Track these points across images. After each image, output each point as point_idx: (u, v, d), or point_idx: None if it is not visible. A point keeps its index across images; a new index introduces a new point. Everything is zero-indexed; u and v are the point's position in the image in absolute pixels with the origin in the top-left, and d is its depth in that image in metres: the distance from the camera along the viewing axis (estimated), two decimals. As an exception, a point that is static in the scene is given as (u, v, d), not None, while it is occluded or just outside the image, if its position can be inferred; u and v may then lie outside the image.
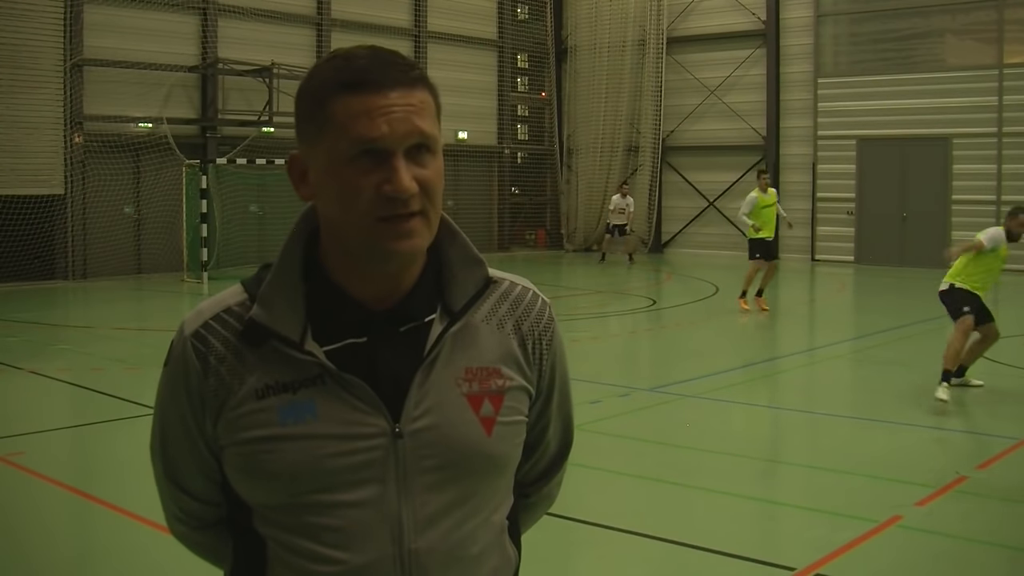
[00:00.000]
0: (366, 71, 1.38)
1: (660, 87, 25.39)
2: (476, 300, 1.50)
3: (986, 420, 8.37)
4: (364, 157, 1.37)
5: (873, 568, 4.95)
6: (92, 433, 7.90)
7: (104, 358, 10.94)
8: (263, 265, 1.51)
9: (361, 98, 1.37)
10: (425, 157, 1.40)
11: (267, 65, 20.25)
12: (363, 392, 1.42)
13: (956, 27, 22.02)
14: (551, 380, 1.60)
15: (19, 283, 17.50)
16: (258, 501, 1.45)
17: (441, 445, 1.44)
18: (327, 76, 1.40)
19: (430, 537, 1.43)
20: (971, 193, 21.17)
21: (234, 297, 1.48)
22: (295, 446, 1.40)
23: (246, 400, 1.42)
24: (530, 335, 1.55)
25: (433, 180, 1.40)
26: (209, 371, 1.44)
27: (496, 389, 1.49)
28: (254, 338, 1.43)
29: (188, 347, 1.45)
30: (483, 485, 1.49)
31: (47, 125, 18.19)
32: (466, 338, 1.49)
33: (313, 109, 1.40)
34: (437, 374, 1.45)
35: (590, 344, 11.78)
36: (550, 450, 1.69)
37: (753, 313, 14.30)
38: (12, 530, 5.59)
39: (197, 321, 1.47)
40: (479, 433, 1.46)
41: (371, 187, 1.36)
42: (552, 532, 5.15)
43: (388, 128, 1.36)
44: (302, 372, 1.42)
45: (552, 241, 27.68)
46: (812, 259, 23.42)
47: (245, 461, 1.43)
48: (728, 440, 7.53)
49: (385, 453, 1.41)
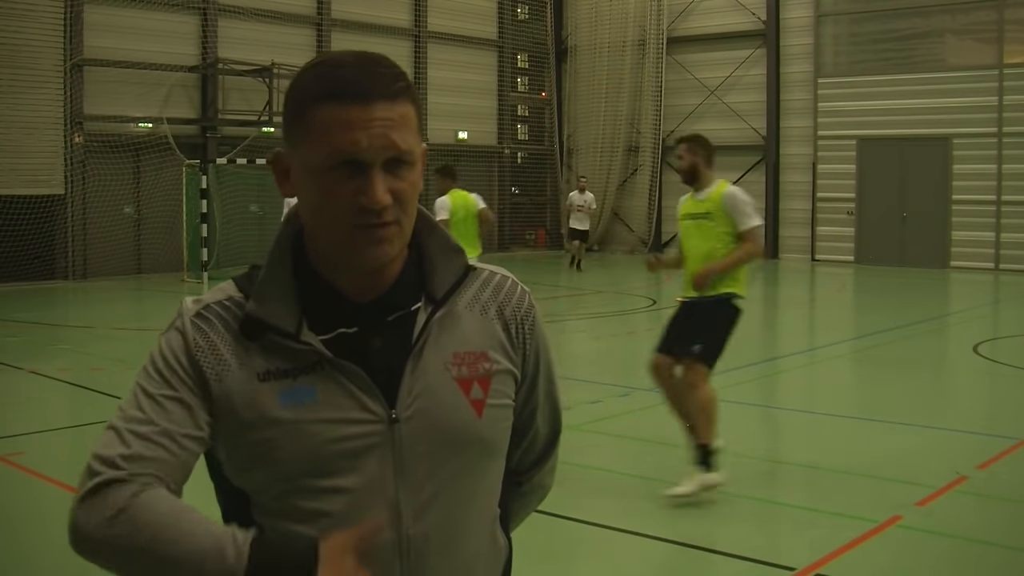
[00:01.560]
0: (349, 82, 1.40)
1: (660, 87, 25.40)
2: (457, 286, 1.53)
3: (986, 420, 8.36)
4: (342, 167, 1.40)
5: (873, 568, 4.95)
6: (92, 433, 7.89)
7: (104, 358, 10.94)
8: (253, 264, 1.53)
9: (342, 109, 1.39)
10: (402, 170, 1.43)
11: (267, 65, 20.25)
12: (360, 379, 1.44)
13: (956, 27, 22.02)
14: (536, 364, 1.62)
15: (19, 283, 17.50)
16: (255, 487, 1.46)
17: (435, 429, 1.46)
18: (311, 83, 1.42)
19: (426, 522, 1.45)
20: (971, 193, 21.18)
21: (230, 291, 1.50)
22: (296, 429, 1.41)
23: (248, 381, 1.43)
24: (513, 319, 1.57)
25: (408, 192, 1.43)
26: (210, 345, 1.44)
27: (484, 372, 1.52)
28: (251, 332, 1.45)
29: (188, 322, 1.46)
30: (475, 469, 1.51)
31: (47, 125, 18.20)
32: (452, 324, 1.52)
33: (296, 114, 1.43)
34: (427, 360, 1.48)
35: (590, 344, 11.77)
36: (540, 435, 1.71)
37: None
38: (12, 530, 5.59)
39: (198, 304, 1.49)
40: (471, 415, 1.49)
41: (347, 195, 1.40)
42: (552, 532, 5.15)
43: (367, 142, 1.38)
44: (300, 360, 1.44)
45: (552, 241, 27.68)
46: (812, 259, 23.43)
47: (244, 446, 1.43)
48: (728, 440, 7.52)
49: (382, 439, 1.43)
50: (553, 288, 17.45)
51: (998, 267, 20.99)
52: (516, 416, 1.60)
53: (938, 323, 14.46)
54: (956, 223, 21.44)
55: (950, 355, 12.04)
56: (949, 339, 13.23)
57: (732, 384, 9.61)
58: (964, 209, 21.31)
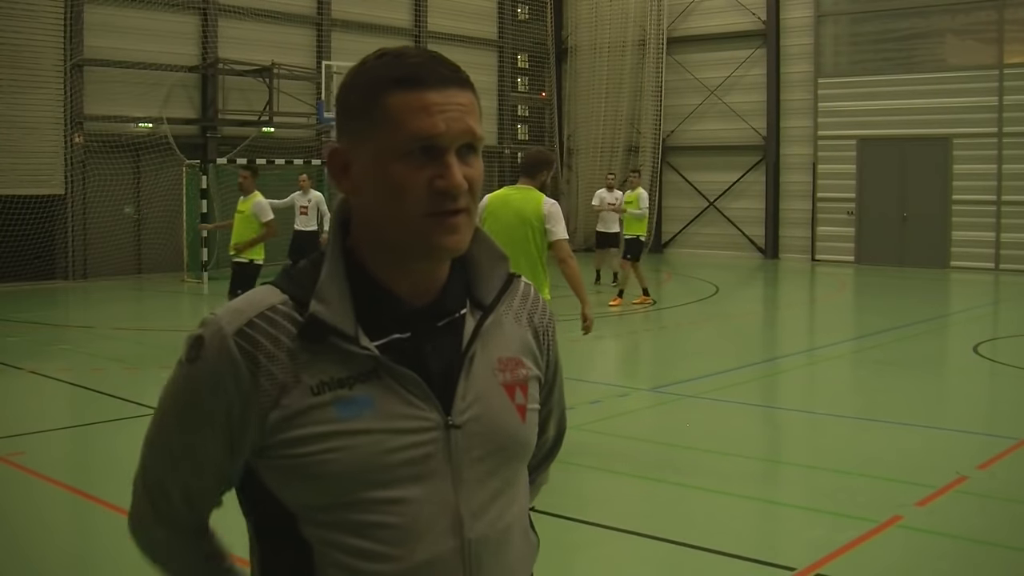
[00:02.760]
0: (421, 67, 1.41)
1: (660, 87, 25.40)
2: (503, 293, 1.55)
3: (986, 420, 8.36)
4: (418, 153, 1.39)
5: (873, 568, 4.95)
6: (92, 433, 7.90)
7: (104, 358, 10.94)
8: (291, 263, 1.51)
9: (418, 94, 1.39)
10: (471, 157, 1.44)
11: (267, 65, 20.25)
12: (416, 386, 1.42)
13: (956, 27, 22.02)
14: (554, 370, 1.67)
15: (19, 283, 17.50)
16: (307, 503, 1.41)
17: (488, 434, 1.48)
18: (380, 72, 1.42)
19: (482, 526, 1.46)
20: (971, 193, 21.17)
21: (273, 296, 1.44)
22: (355, 441, 1.39)
23: (302, 397, 1.39)
24: (540, 327, 1.62)
25: (478, 179, 1.44)
26: (260, 369, 1.39)
27: (522, 378, 1.55)
28: (315, 335, 1.41)
29: (230, 345, 1.39)
30: (518, 472, 1.55)
31: (47, 125, 18.20)
32: (496, 330, 1.54)
33: (366, 103, 1.42)
34: (478, 365, 1.49)
35: (590, 344, 11.77)
36: (550, 436, 1.78)
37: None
38: (12, 530, 5.59)
39: (239, 319, 1.41)
40: (517, 420, 1.52)
41: (423, 182, 1.39)
42: (552, 532, 5.15)
43: (445, 125, 1.39)
44: (357, 367, 1.41)
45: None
46: (812, 259, 23.43)
47: (297, 460, 1.39)
48: (728, 440, 7.53)
49: (440, 446, 1.43)
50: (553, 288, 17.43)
51: (998, 267, 20.99)
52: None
53: (938, 323, 14.46)
54: (956, 223, 21.44)
55: (950, 355, 12.05)
56: (949, 339, 13.23)
57: (732, 384, 9.61)
58: (964, 209, 21.31)
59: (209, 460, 1.45)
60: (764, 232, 24.23)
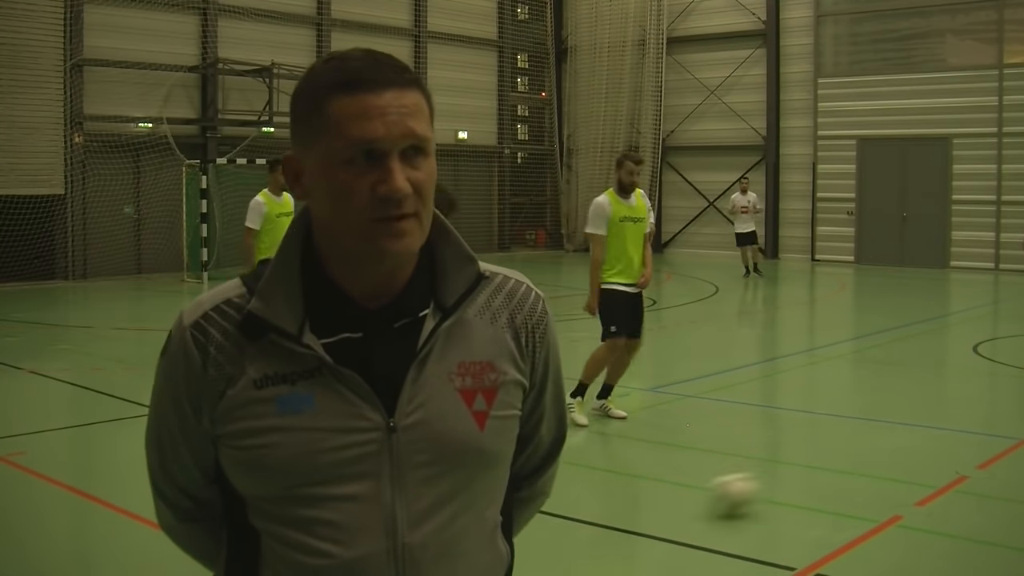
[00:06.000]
0: (361, 71, 1.39)
1: (660, 87, 25.40)
2: (468, 295, 1.51)
3: (986, 420, 8.36)
4: (360, 158, 1.38)
5: (873, 568, 4.95)
6: (92, 433, 7.90)
7: (104, 358, 10.95)
8: (261, 261, 1.52)
9: (357, 99, 1.38)
10: (418, 159, 1.42)
11: (267, 65, 20.25)
12: (358, 386, 1.42)
13: (956, 27, 22.02)
14: (544, 373, 1.60)
15: (19, 283, 17.50)
16: (253, 493, 1.46)
17: (434, 439, 1.45)
18: (322, 77, 1.41)
19: (423, 532, 1.44)
20: (971, 193, 21.18)
21: (233, 290, 1.49)
22: (292, 437, 1.41)
23: (245, 389, 1.43)
24: (524, 327, 1.56)
25: (426, 182, 1.42)
26: (208, 361, 1.44)
27: (489, 383, 1.50)
28: (252, 331, 1.44)
29: (187, 337, 1.45)
30: (475, 480, 1.50)
31: (47, 125, 18.20)
32: (459, 333, 1.50)
33: (308, 110, 1.42)
34: (430, 369, 1.46)
35: (591, 344, 11.76)
36: (544, 443, 1.71)
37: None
38: (12, 530, 5.59)
39: (196, 312, 1.47)
40: (471, 427, 1.47)
41: (366, 188, 1.38)
42: (552, 532, 5.15)
43: (384, 130, 1.38)
44: (300, 364, 1.43)
45: (552, 241, 27.69)
46: (812, 259, 23.43)
47: (241, 452, 1.43)
48: (728, 440, 7.53)
49: (380, 447, 1.42)
50: (553, 288, 17.43)
51: (998, 267, 20.99)
52: (522, 424, 1.58)
53: (938, 323, 14.46)
54: (956, 223, 21.44)
55: (950, 355, 12.04)
56: (949, 339, 13.23)
57: (732, 384, 9.61)
58: (964, 209, 21.31)
59: (189, 449, 1.51)
60: (764, 232, 24.22)
